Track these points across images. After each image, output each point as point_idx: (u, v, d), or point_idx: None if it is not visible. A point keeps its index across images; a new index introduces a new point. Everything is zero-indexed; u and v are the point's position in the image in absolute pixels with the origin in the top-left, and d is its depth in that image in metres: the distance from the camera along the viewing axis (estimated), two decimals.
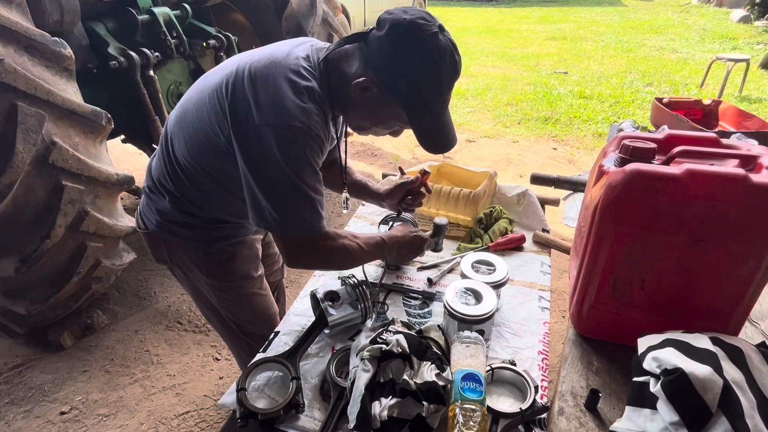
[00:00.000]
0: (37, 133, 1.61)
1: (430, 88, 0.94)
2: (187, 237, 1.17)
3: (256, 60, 0.97)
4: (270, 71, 0.94)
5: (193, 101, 1.04)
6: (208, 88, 1.00)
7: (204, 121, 0.99)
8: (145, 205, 1.21)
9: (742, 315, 0.92)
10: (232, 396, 0.94)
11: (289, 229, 0.99)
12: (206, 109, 0.99)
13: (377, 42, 0.93)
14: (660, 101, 2.31)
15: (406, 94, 0.95)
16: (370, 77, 0.94)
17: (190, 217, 1.15)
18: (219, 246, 1.20)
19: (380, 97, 0.96)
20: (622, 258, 0.92)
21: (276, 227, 0.98)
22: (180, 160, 1.07)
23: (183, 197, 1.12)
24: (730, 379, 0.70)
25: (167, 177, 1.11)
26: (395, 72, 0.93)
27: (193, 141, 1.03)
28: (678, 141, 0.97)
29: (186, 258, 1.22)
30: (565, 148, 4.33)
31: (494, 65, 7.20)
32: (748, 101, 5.16)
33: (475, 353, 0.93)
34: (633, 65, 6.78)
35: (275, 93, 0.92)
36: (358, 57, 0.97)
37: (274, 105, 0.91)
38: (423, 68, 0.92)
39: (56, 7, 1.92)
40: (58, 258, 1.85)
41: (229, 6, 3.04)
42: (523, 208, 1.60)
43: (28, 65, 1.61)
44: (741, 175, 0.80)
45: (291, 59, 0.97)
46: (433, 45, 0.90)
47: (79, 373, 2.09)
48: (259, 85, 0.93)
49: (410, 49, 0.90)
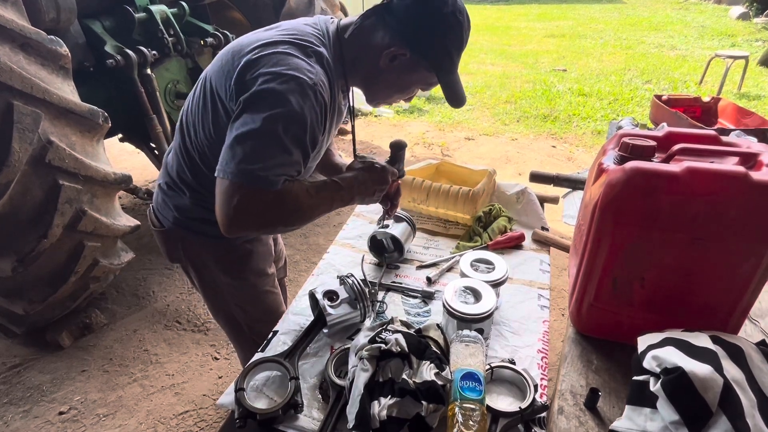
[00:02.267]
0: (34, 132, 1.60)
1: (456, 47, 1.00)
2: (207, 233, 1.16)
3: (265, 31, 1.00)
4: (279, 39, 0.96)
5: (206, 84, 1.03)
6: (217, 64, 1.01)
7: (216, 98, 0.99)
8: (161, 201, 1.20)
9: (742, 313, 0.92)
10: (230, 396, 0.94)
11: (245, 175, 0.87)
12: (218, 84, 0.98)
13: (403, 11, 0.96)
14: (659, 98, 2.31)
15: (438, 56, 0.99)
16: (399, 45, 0.97)
17: (209, 213, 1.11)
18: (239, 242, 1.21)
19: (409, 63, 1.00)
20: (622, 256, 0.92)
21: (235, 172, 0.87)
22: (198, 148, 1.06)
23: (204, 190, 1.10)
24: (731, 378, 0.69)
25: (186, 171, 1.11)
26: (427, 36, 0.97)
27: (208, 123, 1.02)
28: (678, 138, 0.97)
29: (203, 255, 1.22)
30: (564, 145, 4.32)
31: (493, 63, 7.19)
32: (747, 98, 5.16)
33: (474, 352, 0.92)
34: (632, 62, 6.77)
35: (283, 55, 0.93)
36: (382, 28, 0.99)
37: (281, 61, 0.91)
38: (450, 30, 0.97)
39: (52, 5, 1.91)
40: (55, 258, 1.85)
41: (227, 4, 3.02)
42: (522, 207, 1.60)
43: (23, 64, 1.60)
44: (741, 172, 0.79)
45: (300, 25, 1.00)
46: (454, 6, 0.96)
47: (77, 373, 2.08)
48: (266, 49, 0.94)
49: (436, 13, 0.95)
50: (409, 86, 1.07)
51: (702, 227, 0.84)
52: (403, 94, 1.10)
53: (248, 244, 1.23)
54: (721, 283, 0.89)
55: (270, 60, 0.91)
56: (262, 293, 1.31)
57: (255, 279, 1.27)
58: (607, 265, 0.94)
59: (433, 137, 4.62)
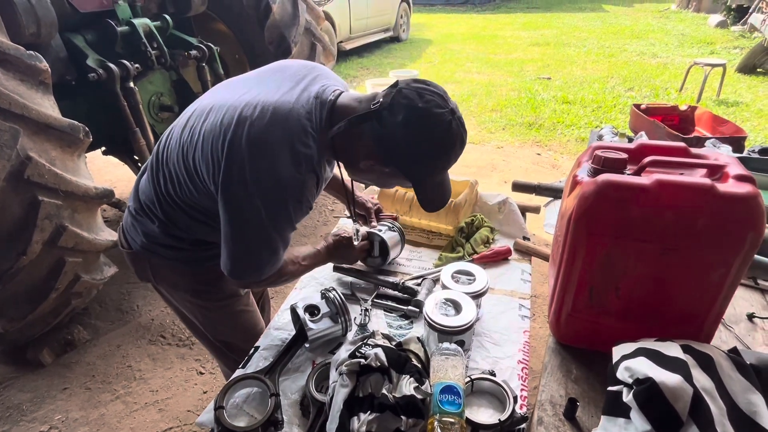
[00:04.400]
0: (12, 148, 1.58)
1: (440, 167, 1.00)
2: (174, 258, 1.15)
3: (258, 114, 0.92)
4: (270, 138, 0.91)
5: (185, 137, 1.01)
6: (201, 130, 0.98)
7: (195, 164, 0.98)
8: (130, 224, 1.18)
9: (714, 320, 0.94)
10: (210, 414, 0.93)
11: (244, 275, 1.03)
12: (198, 154, 0.97)
13: (392, 127, 0.92)
14: (638, 107, 2.35)
15: (417, 175, 0.99)
16: (382, 158, 0.97)
17: (177, 241, 1.13)
18: (207, 266, 1.17)
19: (390, 172, 1.00)
20: (597, 266, 0.94)
21: (233, 273, 1.02)
22: (170, 191, 1.06)
23: (172, 224, 1.10)
24: (700, 387, 0.71)
25: (156, 204, 1.10)
26: (410, 159, 0.96)
27: (179, 179, 1.03)
28: (649, 151, 0.99)
29: (171, 278, 1.21)
30: (549, 153, 4.38)
31: (479, 71, 7.27)
32: (726, 105, 5.27)
33: (455, 365, 0.93)
34: (614, 70, 6.89)
35: (273, 165, 0.91)
36: (371, 137, 0.95)
37: (269, 177, 0.91)
38: (436, 155, 0.96)
39: (32, 20, 1.89)
40: (35, 274, 1.82)
41: (211, 16, 3.02)
42: (504, 216, 1.62)
43: (1, 79, 1.59)
44: (708, 185, 0.82)
45: (294, 117, 0.93)
46: (447, 134, 0.93)
47: (59, 391, 2.04)
48: (257, 151, 0.91)
49: (426, 140, 0.93)
50: (388, 185, 1.16)
51: (672, 237, 0.86)
52: (384, 187, 1.16)
53: (218, 267, 1.22)
54: (693, 291, 0.91)
55: (259, 167, 0.91)
56: (236, 313, 1.29)
57: (227, 300, 1.25)
58: (582, 275, 0.96)
59: None
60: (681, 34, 9.15)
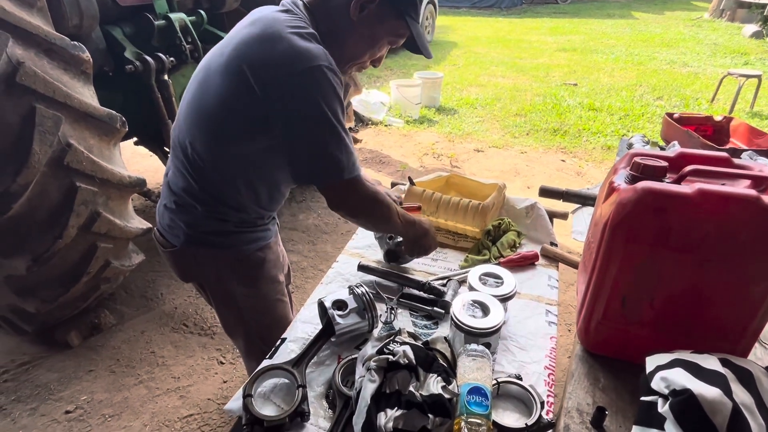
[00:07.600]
0: (54, 135, 1.64)
1: None
2: (221, 245, 1.18)
3: (247, 33, 0.99)
4: (270, 31, 0.97)
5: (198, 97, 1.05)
6: (212, 76, 1.02)
7: (225, 106, 1.00)
8: (168, 221, 1.20)
9: (752, 336, 0.91)
10: (238, 402, 0.95)
11: (332, 176, 1.03)
12: (224, 94, 1.00)
13: None
14: (671, 116, 2.30)
15: (404, 1, 1.04)
16: None
17: (222, 224, 1.15)
18: (251, 251, 1.22)
19: (378, 12, 1.04)
20: (632, 275, 0.92)
21: (318, 177, 1.04)
22: (204, 157, 1.08)
23: (214, 200, 1.12)
24: (740, 402, 0.69)
25: (193, 184, 1.12)
26: None
27: (214, 132, 1.04)
28: (689, 159, 0.97)
29: (218, 267, 1.23)
30: (574, 160, 4.32)
31: (504, 75, 7.22)
32: (759, 117, 5.12)
33: (481, 366, 0.93)
34: (643, 78, 6.76)
35: (289, 44, 0.95)
36: None
37: (295, 54, 0.94)
38: None
39: (76, 12, 1.96)
40: (69, 258, 1.88)
41: (243, 12, 3.07)
42: (532, 221, 1.60)
43: (47, 68, 1.65)
44: (753, 196, 0.80)
45: (279, 17, 1.00)
46: None
47: (85, 373, 2.10)
48: (269, 44, 0.95)
49: None
50: (380, 40, 1.12)
51: (712, 249, 0.84)
52: (374, 49, 1.13)
53: (260, 252, 1.25)
54: (732, 305, 0.89)
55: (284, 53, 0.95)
56: (274, 302, 1.33)
57: (268, 287, 1.29)
58: (616, 284, 0.95)
59: (443, 148, 4.63)
60: (713, 43, 8.92)
